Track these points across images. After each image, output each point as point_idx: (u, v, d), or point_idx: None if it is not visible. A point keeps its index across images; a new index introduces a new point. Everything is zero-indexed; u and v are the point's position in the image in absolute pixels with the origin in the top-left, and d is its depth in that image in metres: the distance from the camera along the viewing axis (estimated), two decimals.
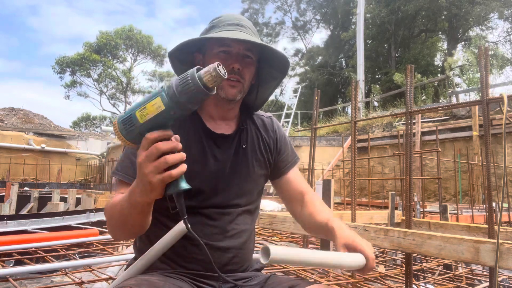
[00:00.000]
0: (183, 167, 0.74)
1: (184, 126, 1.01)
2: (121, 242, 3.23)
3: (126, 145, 0.78)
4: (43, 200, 8.82)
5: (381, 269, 2.61)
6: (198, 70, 0.70)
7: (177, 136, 0.76)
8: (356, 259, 0.86)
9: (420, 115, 8.56)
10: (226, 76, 0.70)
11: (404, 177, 2.70)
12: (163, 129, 0.74)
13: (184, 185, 0.75)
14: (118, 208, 0.86)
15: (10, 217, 3.95)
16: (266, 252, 0.73)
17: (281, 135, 1.16)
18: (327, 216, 1.04)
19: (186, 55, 1.06)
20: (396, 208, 3.18)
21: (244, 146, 1.06)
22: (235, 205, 1.03)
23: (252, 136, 1.10)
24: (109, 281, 1.94)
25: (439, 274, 2.63)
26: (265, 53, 1.06)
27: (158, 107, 0.70)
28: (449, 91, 11.45)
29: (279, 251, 0.73)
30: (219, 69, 0.68)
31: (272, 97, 29.25)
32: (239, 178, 1.04)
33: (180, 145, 0.75)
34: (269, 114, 1.19)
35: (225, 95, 1.00)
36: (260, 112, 1.17)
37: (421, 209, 4.06)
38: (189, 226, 0.82)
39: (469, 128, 7.92)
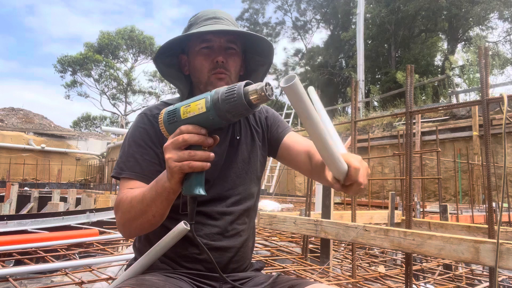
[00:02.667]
0: (206, 165, 0.75)
1: None
2: (121, 241, 3.23)
3: (165, 135, 0.80)
4: (43, 200, 8.83)
5: (381, 269, 2.61)
6: (247, 84, 0.71)
7: (216, 136, 0.77)
8: (342, 162, 0.75)
9: (420, 115, 8.55)
10: (272, 98, 0.69)
11: (404, 177, 2.70)
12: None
13: (201, 190, 0.75)
14: (140, 197, 0.86)
15: (10, 217, 3.95)
16: (290, 79, 0.64)
17: (270, 112, 1.17)
18: None
19: (171, 58, 1.07)
20: (396, 208, 3.18)
21: (238, 137, 1.07)
22: (233, 195, 1.03)
23: (245, 126, 1.11)
24: (109, 281, 1.93)
25: (439, 274, 2.62)
26: (248, 42, 1.07)
27: (200, 108, 0.72)
28: (449, 91, 11.45)
29: (300, 85, 0.65)
30: (265, 89, 0.68)
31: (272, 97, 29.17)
32: (235, 168, 1.05)
33: (209, 142, 0.75)
34: None
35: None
36: None
37: (421, 209, 4.07)
38: (192, 228, 0.82)
39: (469, 128, 7.92)
